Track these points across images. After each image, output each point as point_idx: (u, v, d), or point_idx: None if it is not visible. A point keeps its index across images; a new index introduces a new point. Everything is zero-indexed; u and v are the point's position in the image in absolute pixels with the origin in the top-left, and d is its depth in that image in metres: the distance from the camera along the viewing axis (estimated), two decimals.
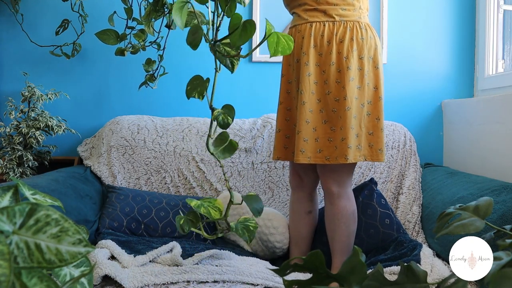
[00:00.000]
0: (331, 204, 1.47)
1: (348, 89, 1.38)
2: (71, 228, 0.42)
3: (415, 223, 1.75)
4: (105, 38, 1.67)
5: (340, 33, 1.41)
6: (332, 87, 1.40)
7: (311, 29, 1.43)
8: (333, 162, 1.39)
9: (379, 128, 1.43)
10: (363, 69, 1.41)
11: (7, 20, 2.18)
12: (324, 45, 1.41)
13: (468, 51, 2.22)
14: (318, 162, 1.40)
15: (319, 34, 1.42)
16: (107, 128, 2.01)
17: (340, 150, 1.37)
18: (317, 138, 1.40)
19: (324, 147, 1.40)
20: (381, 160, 1.43)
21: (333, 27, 1.41)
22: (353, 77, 1.39)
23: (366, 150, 1.42)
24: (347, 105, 1.38)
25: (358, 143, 1.40)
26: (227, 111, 1.01)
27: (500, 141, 1.73)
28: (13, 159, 1.85)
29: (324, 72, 1.41)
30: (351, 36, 1.40)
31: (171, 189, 1.90)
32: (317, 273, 0.63)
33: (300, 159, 1.39)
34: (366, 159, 1.42)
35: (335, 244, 1.48)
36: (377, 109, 1.44)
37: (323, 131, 1.41)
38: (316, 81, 1.42)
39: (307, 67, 1.42)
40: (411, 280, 0.66)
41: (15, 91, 2.14)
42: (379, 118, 1.43)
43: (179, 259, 1.36)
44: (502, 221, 1.24)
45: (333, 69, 1.40)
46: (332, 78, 1.40)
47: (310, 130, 1.40)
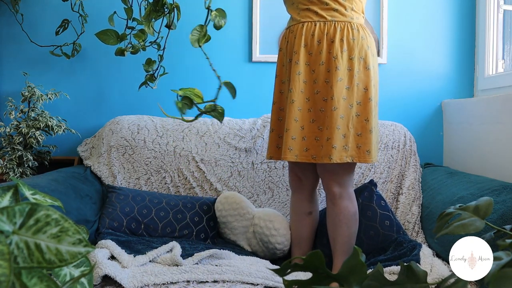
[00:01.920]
0: (333, 204, 1.47)
1: (336, 89, 1.38)
2: (71, 228, 0.42)
3: (415, 223, 1.75)
4: (105, 38, 1.67)
5: (330, 33, 1.41)
6: (321, 86, 1.41)
7: (302, 28, 1.43)
8: (318, 161, 1.40)
9: (367, 129, 1.40)
10: (352, 70, 1.40)
11: (7, 20, 2.18)
12: (314, 44, 1.42)
13: (468, 51, 2.22)
14: (304, 161, 1.42)
15: (310, 34, 1.43)
16: (107, 128, 2.01)
17: (325, 149, 1.37)
18: (305, 137, 1.41)
19: (311, 146, 1.41)
20: (369, 161, 1.40)
21: (324, 27, 1.41)
22: (341, 77, 1.39)
23: (354, 151, 1.39)
24: (333, 105, 1.37)
25: (345, 143, 1.38)
26: (221, 13, 1.12)
27: (500, 141, 1.73)
28: (13, 159, 1.85)
29: (314, 72, 1.42)
30: (341, 36, 1.40)
31: (171, 189, 1.90)
32: (317, 273, 0.63)
33: (288, 156, 1.40)
34: (354, 160, 1.39)
35: (336, 244, 1.48)
36: (366, 110, 1.41)
37: (311, 130, 1.41)
38: (306, 80, 1.42)
39: (297, 65, 1.42)
40: (411, 280, 0.66)
41: (15, 91, 2.14)
42: (368, 120, 1.40)
43: (179, 259, 1.36)
44: (502, 221, 1.24)
45: (323, 69, 1.41)
46: (321, 77, 1.41)
47: (298, 128, 1.41)
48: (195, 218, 1.71)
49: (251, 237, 1.67)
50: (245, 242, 1.69)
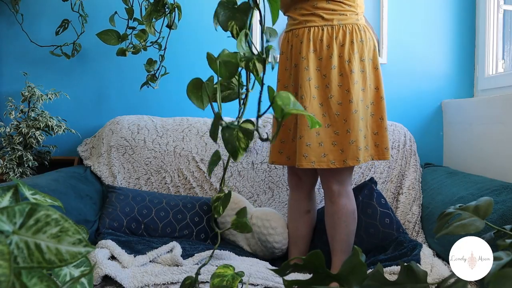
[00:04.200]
0: (332, 202, 1.47)
1: (354, 92, 1.39)
2: (71, 228, 0.42)
3: (415, 223, 1.75)
4: (107, 39, 1.67)
5: (340, 36, 1.41)
6: (335, 90, 1.41)
7: (309, 33, 1.43)
8: (339, 166, 1.39)
9: (383, 127, 1.46)
10: (365, 71, 1.43)
11: (7, 20, 2.18)
12: (323, 49, 1.42)
13: (468, 51, 2.22)
14: (322, 167, 1.40)
15: (318, 39, 1.42)
16: (107, 128, 2.01)
17: (351, 152, 1.38)
18: (321, 142, 1.40)
19: (329, 151, 1.40)
20: (388, 158, 1.46)
21: (332, 31, 1.41)
22: (357, 80, 1.41)
23: (373, 150, 1.45)
24: (353, 108, 1.39)
25: (366, 144, 1.42)
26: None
27: (500, 141, 1.73)
28: (13, 159, 1.85)
29: (325, 76, 1.42)
30: (351, 39, 1.41)
31: (171, 189, 1.90)
32: (317, 273, 0.63)
33: (304, 164, 1.39)
34: (373, 159, 1.45)
35: (335, 243, 1.49)
36: (380, 109, 1.46)
37: (327, 135, 1.41)
38: (317, 86, 1.42)
39: (307, 72, 1.41)
40: (411, 280, 0.66)
41: (15, 91, 2.13)
42: (383, 118, 1.46)
43: (179, 259, 1.36)
44: (502, 221, 1.24)
45: (335, 73, 1.41)
46: (334, 82, 1.41)
47: (313, 134, 1.40)
48: (195, 218, 1.71)
49: (249, 236, 1.68)
50: (245, 242, 1.69)
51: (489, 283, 0.54)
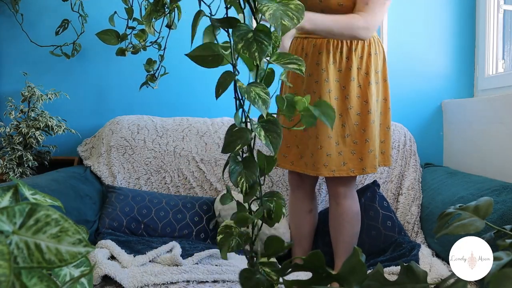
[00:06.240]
0: (337, 204, 1.48)
1: (371, 103, 1.42)
2: (71, 228, 0.42)
3: (414, 223, 1.75)
4: (106, 38, 1.67)
5: (359, 49, 1.43)
6: (354, 101, 1.43)
7: (328, 45, 1.43)
8: (359, 174, 1.43)
9: (389, 136, 1.52)
10: (379, 83, 1.47)
11: (7, 20, 2.18)
12: (343, 61, 1.43)
13: (468, 51, 2.21)
14: (343, 175, 1.43)
15: (338, 51, 1.43)
16: (107, 128, 2.01)
17: (369, 161, 1.42)
18: (341, 152, 1.43)
19: (348, 160, 1.43)
20: (390, 164, 1.53)
21: (351, 43, 1.43)
22: (374, 92, 1.44)
23: (380, 157, 1.50)
24: (371, 118, 1.42)
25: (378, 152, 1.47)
26: None
27: (500, 141, 1.73)
28: (13, 159, 1.85)
29: (345, 88, 1.43)
30: (369, 51, 1.44)
31: (171, 189, 1.90)
32: (317, 273, 0.63)
33: (324, 172, 1.42)
34: (380, 165, 1.50)
35: (338, 244, 1.49)
36: (387, 119, 1.51)
37: (346, 144, 1.43)
38: (337, 97, 1.44)
39: (327, 83, 1.43)
40: (411, 280, 0.66)
41: (15, 91, 2.13)
42: (389, 127, 1.51)
43: (179, 259, 1.36)
44: (502, 221, 1.24)
45: (354, 85, 1.43)
46: (353, 93, 1.42)
47: (333, 144, 1.42)
48: (195, 218, 1.71)
49: None
50: None
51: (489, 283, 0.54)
